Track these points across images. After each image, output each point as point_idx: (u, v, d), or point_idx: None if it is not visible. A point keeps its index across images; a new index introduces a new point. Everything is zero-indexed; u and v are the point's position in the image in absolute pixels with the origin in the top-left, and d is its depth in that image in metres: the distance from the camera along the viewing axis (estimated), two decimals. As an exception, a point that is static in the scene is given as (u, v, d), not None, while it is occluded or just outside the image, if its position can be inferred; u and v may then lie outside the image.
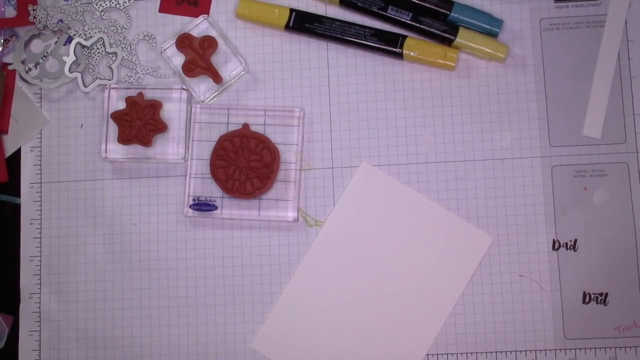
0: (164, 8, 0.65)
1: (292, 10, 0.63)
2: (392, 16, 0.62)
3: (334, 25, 0.62)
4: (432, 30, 0.62)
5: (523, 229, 0.61)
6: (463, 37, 0.61)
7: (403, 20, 0.62)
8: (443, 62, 0.62)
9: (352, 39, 0.62)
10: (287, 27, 0.63)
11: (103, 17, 0.65)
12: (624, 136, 0.62)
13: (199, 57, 0.63)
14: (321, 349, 0.61)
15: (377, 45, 0.62)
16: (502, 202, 0.62)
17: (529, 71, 0.63)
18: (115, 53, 0.64)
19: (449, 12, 0.62)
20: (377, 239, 0.61)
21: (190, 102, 0.64)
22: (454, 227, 0.61)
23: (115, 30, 0.65)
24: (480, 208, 0.62)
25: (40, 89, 0.65)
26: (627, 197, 0.61)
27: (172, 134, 0.63)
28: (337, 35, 0.63)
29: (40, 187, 0.64)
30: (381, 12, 0.63)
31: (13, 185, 0.65)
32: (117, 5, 0.65)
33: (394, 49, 0.62)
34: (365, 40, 0.62)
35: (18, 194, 0.65)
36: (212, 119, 0.63)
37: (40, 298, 0.63)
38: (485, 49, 0.61)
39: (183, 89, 0.63)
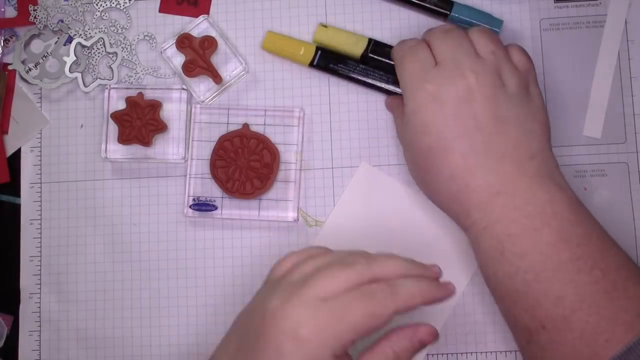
0: (164, 8, 0.65)
1: (317, 48, 0.63)
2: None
3: (357, 69, 0.62)
4: (432, 30, 0.62)
5: (523, 229, 0.61)
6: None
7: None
8: None
9: (374, 83, 0.62)
10: (312, 65, 0.62)
11: (103, 17, 0.65)
12: (624, 136, 0.62)
13: (199, 57, 0.63)
14: (321, 349, 0.61)
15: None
16: (502, 202, 0.62)
17: (529, 71, 0.63)
18: (115, 53, 0.64)
19: (449, 12, 0.62)
20: (377, 239, 0.61)
21: (190, 102, 0.64)
22: (454, 227, 0.61)
23: (115, 31, 0.65)
24: (480, 208, 0.61)
25: (40, 89, 0.65)
26: (627, 197, 0.61)
27: (172, 134, 0.63)
28: (360, 78, 0.62)
29: (40, 187, 0.64)
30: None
31: (13, 185, 0.65)
32: (118, 6, 0.65)
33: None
34: (387, 84, 0.62)
35: (18, 194, 0.65)
36: (212, 119, 0.63)
37: (40, 298, 0.63)
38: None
39: (183, 89, 0.63)
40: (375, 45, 0.62)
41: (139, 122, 0.63)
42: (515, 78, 0.53)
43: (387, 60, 0.61)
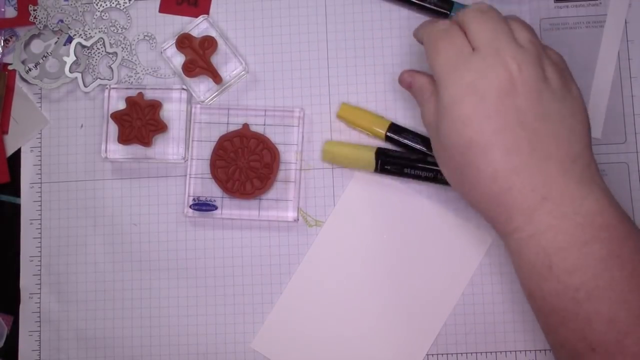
0: (164, 8, 0.65)
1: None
2: (392, 16, 0.62)
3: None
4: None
5: (523, 229, 0.61)
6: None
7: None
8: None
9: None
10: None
11: (103, 17, 0.65)
12: (624, 136, 0.62)
13: (199, 57, 0.63)
14: (321, 349, 0.61)
15: None
16: (502, 202, 0.61)
17: (529, 71, 0.62)
18: (115, 53, 0.64)
19: (449, 12, 0.62)
20: (377, 239, 0.61)
21: (190, 102, 0.64)
22: (454, 227, 0.61)
23: (115, 31, 0.65)
24: (480, 208, 0.61)
25: (40, 89, 0.65)
26: (627, 197, 0.61)
27: (172, 134, 0.63)
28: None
29: (40, 187, 0.64)
30: (381, 12, 0.63)
31: (13, 185, 0.65)
32: (118, 6, 0.65)
33: None
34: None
35: (18, 194, 0.65)
36: (212, 119, 0.63)
37: (40, 298, 0.63)
38: None
39: (183, 89, 0.63)
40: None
41: (139, 122, 0.63)
42: (557, 72, 0.50)
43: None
